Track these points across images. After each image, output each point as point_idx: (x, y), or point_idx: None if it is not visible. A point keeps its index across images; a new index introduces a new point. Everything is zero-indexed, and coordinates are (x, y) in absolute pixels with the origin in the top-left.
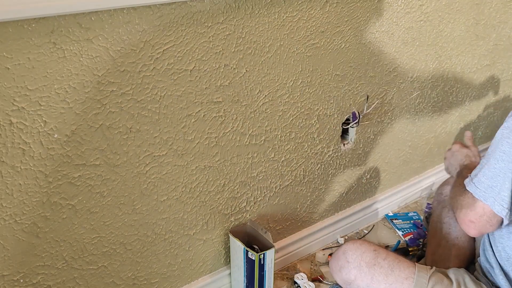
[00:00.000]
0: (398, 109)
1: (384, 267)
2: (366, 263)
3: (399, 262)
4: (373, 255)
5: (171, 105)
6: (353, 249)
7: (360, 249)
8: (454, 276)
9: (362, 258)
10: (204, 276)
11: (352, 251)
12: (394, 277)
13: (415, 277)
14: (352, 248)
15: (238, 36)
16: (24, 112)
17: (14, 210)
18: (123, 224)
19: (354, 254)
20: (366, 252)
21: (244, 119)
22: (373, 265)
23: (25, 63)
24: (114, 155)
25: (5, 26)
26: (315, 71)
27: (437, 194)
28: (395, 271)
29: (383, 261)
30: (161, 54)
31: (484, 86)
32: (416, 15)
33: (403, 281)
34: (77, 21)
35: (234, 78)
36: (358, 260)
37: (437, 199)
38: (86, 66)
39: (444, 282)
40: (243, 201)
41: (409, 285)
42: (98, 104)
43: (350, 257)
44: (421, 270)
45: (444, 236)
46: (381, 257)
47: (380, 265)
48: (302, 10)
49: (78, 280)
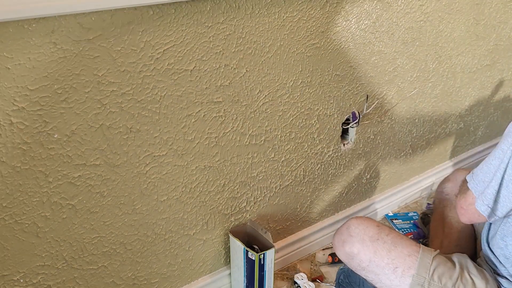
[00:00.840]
0: (398, 109)
1: (387, 242)
2: (369, 238)
3: (402, 240)
4: (377, 230)
5: (171, 105)
6: (356, 224)
7: (364, 224)
8: (457, 259)
9: (365, 233)
10: (204, 276)
11: (355, 226)
12: (396, 252)
13: (419, 255)
14: (355, 223)
15: (238, 36)
16: (25, 112)
17: (14, 210)
18: (123, 224)
19: (357, 228)
20: (370, 227)
21: (244, 119)
22: (376, 240)
23: (26, 63)
24: (114, 155)
25: (6, 26)
26: (315, 71)
27: (438, 193)
28: (398, 247)
29: (386, 237)
30: (161, 54)
31: (484, 86)
32: (416, 15)
33: (405, 257)
34: (77, 21)
35: (234, 78)
36: (361, 235)
37: (438, 198)
38: (86, 66)
39: (447, 265)
40: (243, 201)
41: (412, 262)
42: (98, 104)
43: (353, 231)
44: (425, 250)
45: (446, 235)
46: (384, 233)
47: (383, 240)
48: (302, 10)
49: (78, 280)
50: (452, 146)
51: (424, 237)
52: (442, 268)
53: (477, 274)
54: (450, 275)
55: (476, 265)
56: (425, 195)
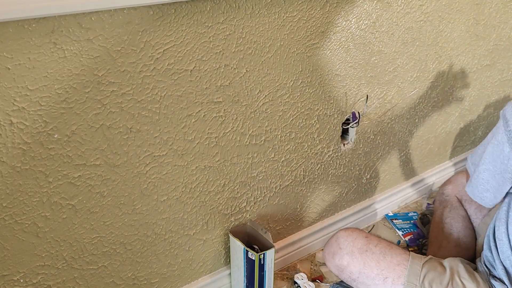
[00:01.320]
0: (398, 109)
1: (376, 253)
2: (358, 249)
3: (392, 249)
4: (365, 241)
5: (172, 105)
6: (345, 235)
7: (352, 236)
8: (449, 264)
9: (354, 244)
10: (204, 276)
11: (344, 238)
12: (386, 263)
13: (409, 263)
14: (344, 235)
15: (238, 36)
16: (25, 112)
17: (14, 210)
18: (123, 224)
19: (346, 240)
20: (358, 238)
21: (244, 119)
22: (365, 251)
23: (26, 63)
24: (114, 155)
25: (6, 26)
26: (315, 71)
27: (439, 194)
28: (387, 257)
29: (374, 247)
30: (162, 54)
31: (484, 86)
32: (416, 15)
33: (395, 267)
34: (77, 21)
35: (234, 78)
36: (350, 247)
37: (438, 199)
38: (86, 66)
39: (437, 270)
40: (243, 201)
41: (401, 271)
42: (99, 104)
43: (342, 243)
44: (415, 257)
45: (446, 236)
46: (373, 244)
47: (372, 251)
48: (302, 10)
49: (78, 280)
50: (452, 146)
51: (424, 237)
52: (433, 273)
53: (468, 278)
54: (441, 281)
55: (468, 268)
56: (425, 195)
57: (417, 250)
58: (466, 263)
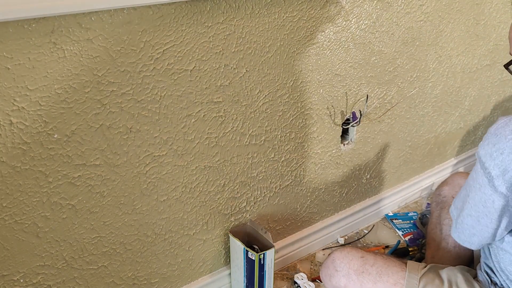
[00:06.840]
0: (398, 109)
1: (372, 274)
2: (354, 271)
3: (388, 268)
4: (361, 262)
5: (171, 105)
6: (341, 257)
7: (348, 257)
8: (446, 275)
9: (350, 266)
10: (204, 276)
11: (340, 260)
12: (382, 283)
13: (405, 281)
14: (339, 256)
15: (238, 36)
16: (24, 112)
17: (14, 210)
18: (123, 224)
19: (342, 262)
20: (354, 259)
21: (244, 119)
22: (361, 273)
23: (26, 63)
24: (114, 155)
25: (5, 26)
26: (315, 71)
27: (435, 195)
28: (383, 278)
29: (371, 268)
30: (161, 54)
31: (484, 86)
32: (416, 15)
33: (391, 287)
34: (77, 21)
35: (234, 78)
36: (347, 268)
37: (435, 200)
38: (86, 66)
39: (435, 282)
40: (243, 201)
41: None
42: (98, 104)
43: (339, 265)
44: (411, 271)
45: (444, 238)
46: (369, 264)
47: (368, 272)
48: (302, 10)
49: (78, 280)
50: (452, 146)
51: (423, 237)
52: (430, 287)
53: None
54: None
55: (467, 278)
56: (425, 195)
57: (417, 250)
58: (465, 271)
